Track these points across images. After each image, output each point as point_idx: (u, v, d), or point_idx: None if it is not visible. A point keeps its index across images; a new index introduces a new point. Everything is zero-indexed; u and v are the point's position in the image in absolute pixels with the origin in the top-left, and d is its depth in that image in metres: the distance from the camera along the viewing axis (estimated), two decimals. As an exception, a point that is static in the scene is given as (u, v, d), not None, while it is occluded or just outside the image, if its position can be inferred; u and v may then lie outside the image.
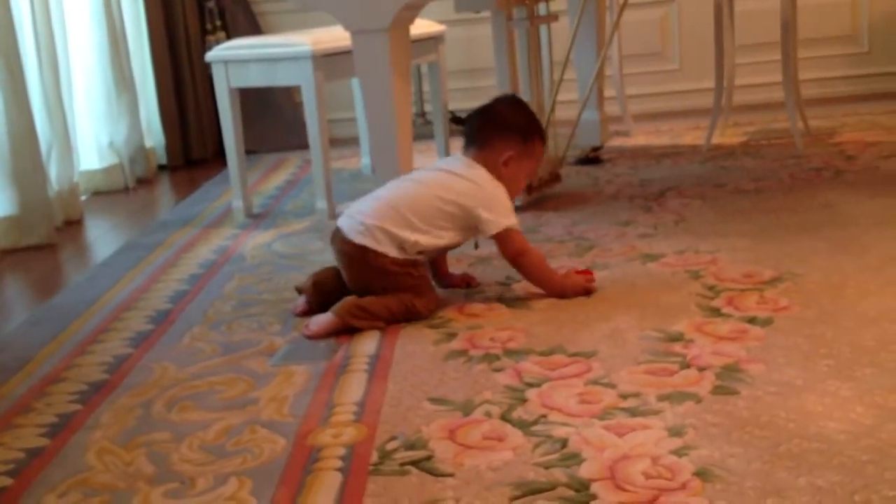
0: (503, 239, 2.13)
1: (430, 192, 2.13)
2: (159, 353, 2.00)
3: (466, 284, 2.26)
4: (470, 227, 2.14)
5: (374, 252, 2.07)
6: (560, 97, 3.18)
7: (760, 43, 4.47)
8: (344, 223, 2.13)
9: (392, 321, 2.04)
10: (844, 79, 4.62)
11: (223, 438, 1.57)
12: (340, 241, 2.12)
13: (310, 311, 2.13)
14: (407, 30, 2.50)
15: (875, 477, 1.28)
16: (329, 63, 3.07)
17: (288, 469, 1.45)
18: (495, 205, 2.12)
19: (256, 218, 3.20)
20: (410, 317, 2.06)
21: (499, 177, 2.16)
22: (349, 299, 2.06)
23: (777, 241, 2.38)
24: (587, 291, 2.12)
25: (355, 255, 2.09)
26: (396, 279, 2.07)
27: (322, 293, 2.14)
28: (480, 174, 2.15)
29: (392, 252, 2.07)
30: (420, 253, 2.11)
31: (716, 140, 3.66)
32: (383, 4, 2.37)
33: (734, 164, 3.32)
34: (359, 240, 2.08)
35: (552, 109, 3.05)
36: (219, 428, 1.61)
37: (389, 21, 2.37)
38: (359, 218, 2.11)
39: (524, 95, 3.09)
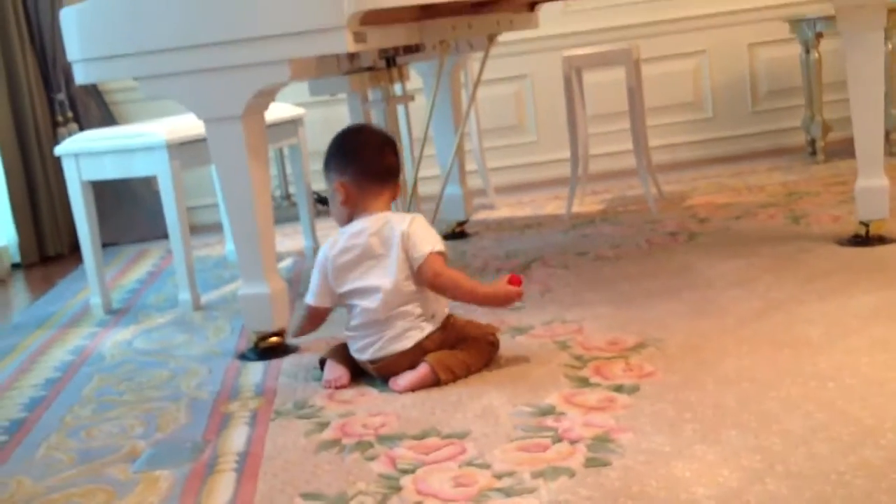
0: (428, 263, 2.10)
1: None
2: (14, 467, 1.89)
3: None
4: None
5: (421, 343, 2.09)
6: (422, 173, 3.21)
7: (610, 113, 4.64)
8: (421, 332, 2.10)
9: (481, 367, 2.11)
10: (692, 144, 4.83)
11: (83, 556, 1.49)
12: (431, 340, 2.11)
13: (349, 383, 2.13)
14: (261, 115, 2.48)
15: (745, 540, 1.30)
16: (186, 151, 3.02)
17: (154, 584, 1.38)
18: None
19: (116, 314, 3.09)
20: (493, 353, 2.15)
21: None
22: (440, 353, 2.07)
23: (638, 306, 2.44)
24: (516, 296, 2.13)
25: (415, 360, 2.08)
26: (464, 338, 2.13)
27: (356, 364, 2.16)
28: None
29: (429, 330, 2.11)
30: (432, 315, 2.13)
31: (576, 209, 3.75)
32: (234, 92, 2.35)
33: (594, 232, 3.40)
34: (402, 346, 2.08)
35: (415, 186, 3.08)
36: (78, 545, 1.53)
37: (242, 109, 2.35)
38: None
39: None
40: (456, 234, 3.63)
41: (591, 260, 3.01)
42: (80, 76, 2.48)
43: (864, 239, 2.75)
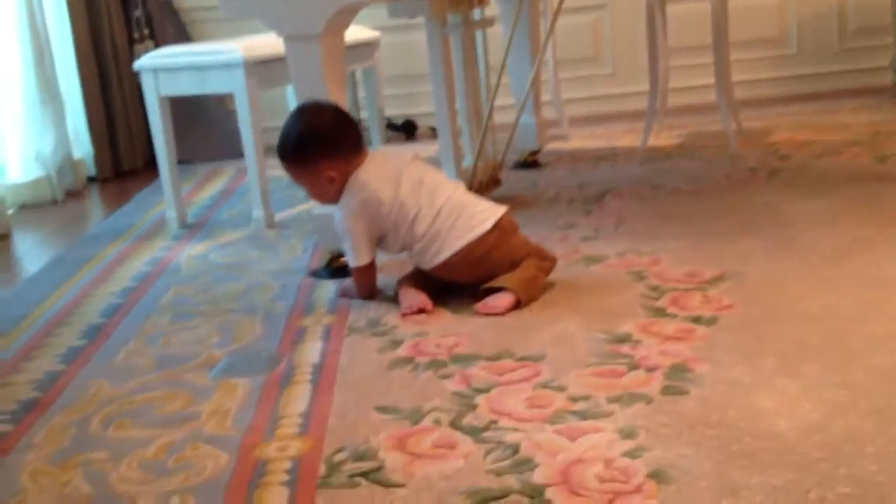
0: None
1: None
2: (94, 370, 1.93)
3: None
4: None
5: (499, 223, 2.14)
6: (497, 102, 3.16)
7: (692, 46, 4.52)
8: (496, 212, 2.14)
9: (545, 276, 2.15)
10: (775, 80, 4.69)
11: (164, 455, 1.52)
12: (507, 220, 2.15)
13: (433, 308, 2.11)
14: (341, 36, 2.46)
15: (828, 474, 1.27)
16: (262, 70, 3.02)
17: (233, 485, 1.41)
18: None
19: (191, 228, 3.12)
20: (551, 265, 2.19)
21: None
22: (517, 279, 2.08)
23: (717, 241, 2.39)
24: None
25: (497, 242, 2.12)
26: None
27: (433, 286, 2.15)
28: None
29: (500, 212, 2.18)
30: None
31: (651, 142, 3.68)
32: (315, 10, 2.33)
33: (671, 166, 3.34)
34: (484, 228, 2.11)
35: (490, 114, 3.04)
36: (159, 444, 1.56)
37: (322, 27, 2.33)
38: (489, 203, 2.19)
39: (460, 100, 3.06)
40: (528, 163, 3.59)
41: (667, 194, 2.96)
42: (162, -13, 2.48)
43: (955, 181, 2.66)
